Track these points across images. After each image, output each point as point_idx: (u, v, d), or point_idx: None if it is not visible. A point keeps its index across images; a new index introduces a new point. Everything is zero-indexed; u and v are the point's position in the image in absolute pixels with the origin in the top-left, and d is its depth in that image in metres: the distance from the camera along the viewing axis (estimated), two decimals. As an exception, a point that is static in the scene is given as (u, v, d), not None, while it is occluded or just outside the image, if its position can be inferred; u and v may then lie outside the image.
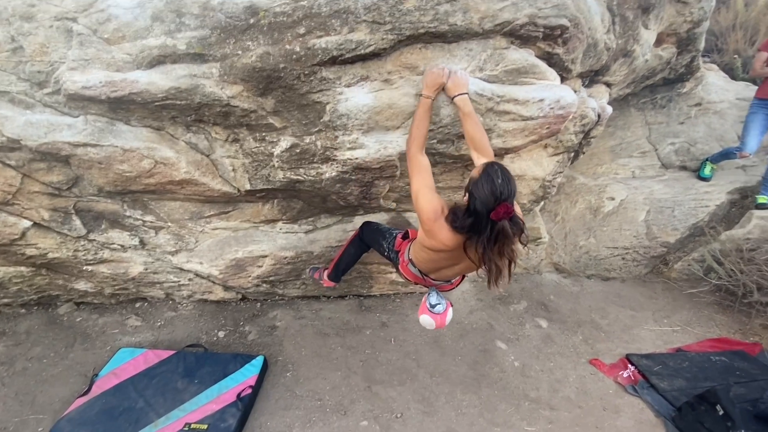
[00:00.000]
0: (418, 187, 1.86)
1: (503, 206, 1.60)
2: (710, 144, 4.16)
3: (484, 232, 1.64)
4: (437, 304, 2.09)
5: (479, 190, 1.65)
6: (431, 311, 2.08)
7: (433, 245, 1.85)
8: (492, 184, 1.63)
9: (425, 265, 2.08)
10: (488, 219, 1.63)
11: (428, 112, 1.98)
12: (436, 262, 2.01)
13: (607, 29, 2.55)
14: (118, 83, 1.95)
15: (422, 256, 2.02)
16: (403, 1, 1.87)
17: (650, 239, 3.73)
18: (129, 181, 2.36)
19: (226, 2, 1.89)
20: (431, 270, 2.10)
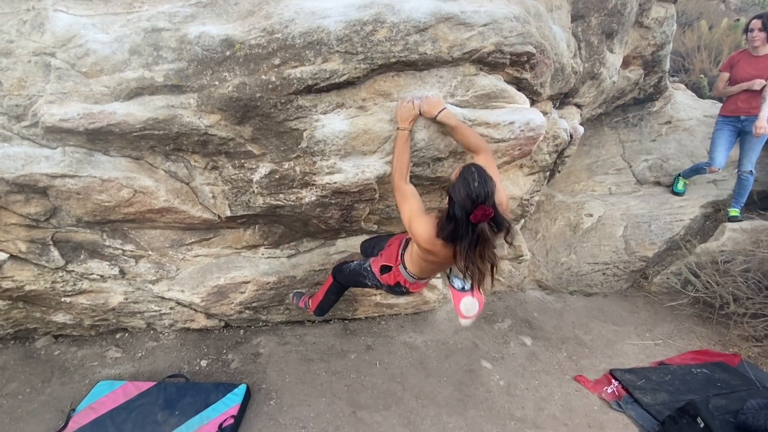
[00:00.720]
0: (409, 215, 1.89)
1: (480, 209, 1.61)
2: (682, 160, 4.30)
3: (465, 236, 1.67)
4: (464, 285, 2.08)
5: (456, 194, 1.67)
6: (465, 292, 2.06)
7: (436, 260, 1.92)
8: (468, 187, 1.65)
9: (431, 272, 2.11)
10: (468, 222, 1.65)
11: (407, 143, 2.05)
12: (435, 269, 2.08)
13: (573, 54, 2.67)
14: (96, 115, 1.98)
15: (426, 267, 2.04)
16: (374, 32, 1.95)
17: (629, 254, 3.80)
18: (108, 211, 2.36)
19: (202, 36, 1.94)
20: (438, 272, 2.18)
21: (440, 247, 1.80)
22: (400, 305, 3.29)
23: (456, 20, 1.99)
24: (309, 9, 1.92)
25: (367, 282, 2.36)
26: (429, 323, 3.36)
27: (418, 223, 1.85)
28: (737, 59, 3.73)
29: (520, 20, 2.11)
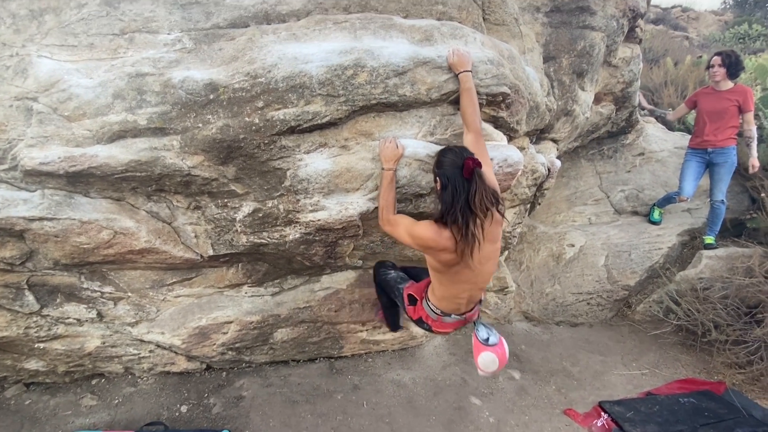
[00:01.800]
0: (407, 230, 1.94)
1: (469, 159, 1.74)
2: (656, 190, 4.45)
3: (461, 194, 1.75)
4: (489, 336, 1.99)
5: (443, 162, 1.83)
6: (487, 345, 1.97)
7: (450, 259, 1.87)
8: (451, 152, 1.84)
9: (454, 298, 2.04)
10: (463, 179, 1.74)
11: (392, 182, 2.11)
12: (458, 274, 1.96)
13: (546, 93, 2.79)
14: (77, 158, 1.98)
15: (444, 286, 2.01)
16: (355, 76, 2.02)
17: (611, 283, 3.86)
18: (87, 253, 2.31)
19: (186, 80, 1.99)
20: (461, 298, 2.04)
21: (447, 238, 1.81)
22: (386, 341, 3.25)
23: (433, 64, 2.08)
24: (291, 55, 1.99)
25: (397, 300, 2.34)
26: (417, 359, 3.31)
27: (418, 228, 1.89)
28: (702, 94, 3.94)
29: (494, 63, 2.21)
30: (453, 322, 2.14)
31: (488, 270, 2.05)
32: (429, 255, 1.97)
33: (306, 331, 2.96)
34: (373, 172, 2.25)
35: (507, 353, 1.99)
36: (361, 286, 2.97)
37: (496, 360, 1.95)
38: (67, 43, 2.08)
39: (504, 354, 1.97)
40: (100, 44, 2.09)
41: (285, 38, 2.08)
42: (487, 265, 2.00)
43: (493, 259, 2.03)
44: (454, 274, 1.95)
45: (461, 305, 2.08)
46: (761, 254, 3.61)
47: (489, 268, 2.04)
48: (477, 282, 2.04)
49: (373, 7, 2.22)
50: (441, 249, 1.86)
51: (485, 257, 1.92)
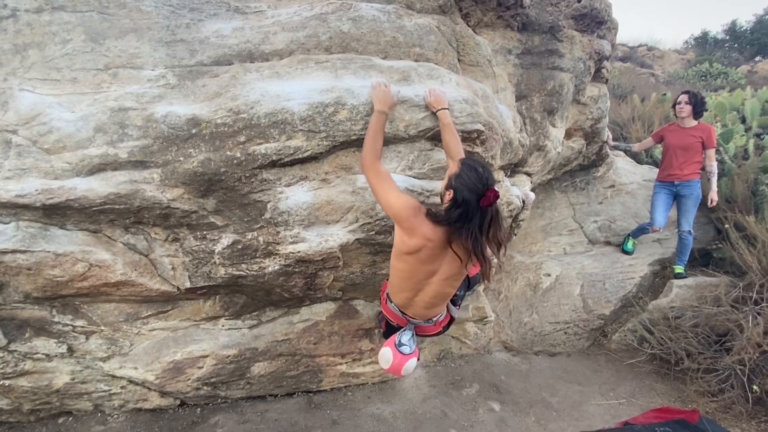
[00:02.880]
0: (386, 193, 1.81)
1: (492, 191, 1.64)
2: (627, 221, 4.61)
3: (474, 220, 1.65)
4: (405, 345, 1.94)
5: (465, 180, 1.67)
6: (397, 348, 1.92)
7: (414, 244, 1.76)
8: (475, 172, 1.68)
9: (402, 286, 1.94)
10: (478, 206, 1.65)
11: (383, 127, 2.01)
12: (414, 273, 1.86)
13: (519, 129, 2.92)
14: (55, 191, 1.97)
15: (399, 270, 1.89)
16: (335, 113, 2.09)
17: (587, 312, 3.93)
18: (60, 286, 2.26)
19: (169, 115, 2.03)
20: (409, 296, 1.95)
21: (424, 225, 1.72)
22: (366, 374, 3.22)
23: (411, 103, 2.17)
24: (274, 92, 2.06)
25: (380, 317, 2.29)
26: (397, 392, 3.28)
27: (398, 199, 1.76)
28: (668, 130, 4.16)
29: (468, 102, 2.32)
30: (394, 312, 2.07)
31: (445, 291, 1.95)
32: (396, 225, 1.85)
33: (284, 365, 2.92)
34: (353, 204, 2.30)
35: (404, 367, 1.92)
36: (341, 318, 2.96)
37: (389, 361, 1.92)
38: (50, 77, 2.11)
39: (400, 364, 1.91)
40: (84, 79, 2.12)
41: (268, 76, 2.15)
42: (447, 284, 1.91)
43: (456, 282, 1.95)
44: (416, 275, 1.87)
45: (405, 304, 2.01)
46: (727, 283, 3.74)
47: (447, 289, 1.95)
48: (430, 296, 1.93)
49: (353, 48, 2.33)
50: (409, 229, 1.75)
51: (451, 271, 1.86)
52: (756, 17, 18.40)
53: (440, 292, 1.94)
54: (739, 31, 18.62)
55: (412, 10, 2.55)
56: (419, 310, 2.02)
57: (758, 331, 3.16)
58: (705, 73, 12.89)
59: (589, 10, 3.27)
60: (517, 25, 3.00)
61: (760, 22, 18.15)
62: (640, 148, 4.72)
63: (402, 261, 1.87)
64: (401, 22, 2.47)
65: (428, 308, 2.01)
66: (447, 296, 2.00)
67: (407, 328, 2.05)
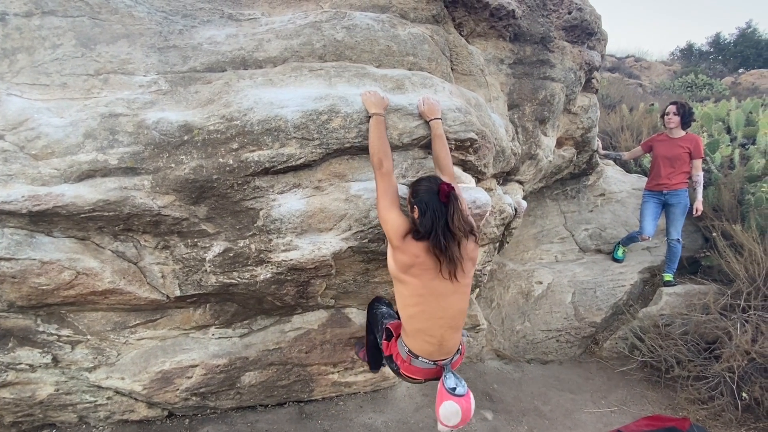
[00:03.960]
0: (388, 209, 1.93)
1: (444, 184, 1.83)
2: (617, 229, 4.66)
3: (441, 216, 1.80)
4: (457, 386, 1.84)
5: (419, 190, 1.90)
6: (454, 395, 1.80)
7: (405, 259, 1.85)
8: (423, 180, 1.95)
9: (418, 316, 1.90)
10: (439, 202, 1.81)
11: (384, 128, 2.08)
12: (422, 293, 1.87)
13: (511, 138, 2.94)
14: (43, 197, 1.93)
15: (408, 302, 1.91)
16: (329, 121, 2.09)
17: (579, 320, 3.95)
18: (46, 295, 2.21)
19: (161, 121, 2.01)
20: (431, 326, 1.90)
21: (411, 245, 1.84)
22: (358, 383, 3.19)
23: (404, 111, 2.18)
24: (267, 99, 2.05)
25: (378, 336, 2.25)
26: (389, 401, 3.25)
27: (396, 218, 1.89)
28: (657, 140, 4.23)
29: (462, 111, 2.33)
30: (422, 368, 1.97)
31: (459, 306, 1.94)
32: (389, 243, 1.94)
33: (275, 374, 2.88)
34: (347, 212, 2.29)
35: (472, 409, 1.83)
36: (333, 326, 2.93)
37: (459, 412, 1.78)
38: (39, 82, 2.08)
39: (469, 408, 1.81)
40: (74, 84, 2.10)
41: (261, 83, 2.14)
42: (457, 299, 1.92)
43: (464, 293, 1.96)
44: (419, 300, 1.88)
45: (433, 347, 1.93)
46: (716, 291, 3.79)
47: (459, 303, 1.94)
48: (447, 317, 1.91)
49: (347, 56, 2.33)
50: (399, 249, 1.86)
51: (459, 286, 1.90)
52: (738, 30, 18.90)
53: (459, 309, 1.95)
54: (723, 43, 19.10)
55: (406, 20, 2.57)
56: (449, 340, 1.94)
57: (746, 339, 3.20)
58: (691, 84, 13.18)
59: (579, 21, 3.33)
60: (509, 36, 3.03)
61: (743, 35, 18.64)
62: (630, 157, 4.80)
63: (404, 287, 1.91)
64: (395, 31, 2.48)
65: (455, 332, 1.97)
66: (464, 313, 2.00)
67: (446, 371, 1.94)
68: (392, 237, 1.88)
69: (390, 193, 1.96)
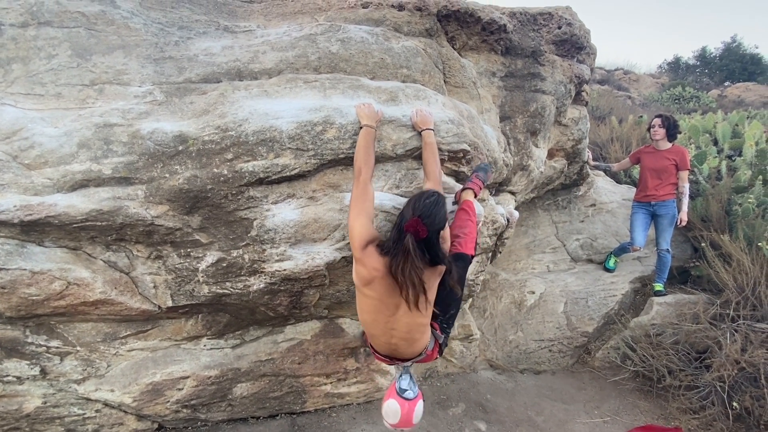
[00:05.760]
0: (356, 216, 1.86)
1: (414, 221, 1.67)
2: (608, 239, 4.71)
3: (399, 243, 1.70)
4: (407, 390, 1.84)
5: (405, 207, 1.80)
6: (400, 396, 1.82)
7: (365, 273, 1.78)
8: (417, 200, 1.77)
9: (375, 327, 1.89)
10: (402, 230, 1.71)
11: (374, 139, 2.07)
12: (379, 309, 1.83)
13: (503, 149, 2.98)
14: (35, 207, 1.92)
15: (365, 311, 1.86)
16: (324, 132, 2.11)
17: (571, 330, 3.97)
18: (36, 305, 2.19)
19: (156, 131, 2.01)
20: (386, 338, 1.89)
21: (372, 257, 1.75)
22: (351, 394, 3.17)
23: (398, 122, 2.21)
24: (262, 110, 2.07)
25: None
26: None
27: (360, 226, 1.81)
28: (644, 152, 4.30)
29: (454, 123, 2.37)
30: (382, 358, 2.03)
31: (414, 321, 1.85)
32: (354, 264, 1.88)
33: (267, 386, 2.85)
34: (341, 222, 2.30)
35: (415, 416, 1.82)
36: (326, 337, 2.92)
37: (398, 414, 1.80)
38: (34, 92, 2.08)
39: (410, 413, 1.81)
40: (69, 94, 2.10)
41: (257, 94, 2.16)
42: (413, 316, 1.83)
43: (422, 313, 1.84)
44: (373, 310, 1.85)
45: (389, 352, 1.94)
46: (705, 301, 3.84)
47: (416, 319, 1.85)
48: (401, 331, 1.88)
49: (342, 68, 2.36)
50: (358, 259, 1.80)
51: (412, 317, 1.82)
52: (724, 44, 19.35)
53: (413, 324, 1.87)
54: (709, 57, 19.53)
55: (400, 33, 2.61)
56: (404, 350, 1.94)
57: (736, 348, 3.24)
58: (678, 96, 13.43)
59: (569, 36, 3.40)
60: (501, 49, 3.09)
61: (728, 49, 19.09)
62: (619, 168, 4.88)
63: (363, 298, 1.88)
64: (389, 44, 2.52)
65: (411, 344, 1.93)
66: (423, 326, 1.92)
67: (403, 372, 1.94)
68: (354, 245, 1.82)
69: (362, 201, 1.91)
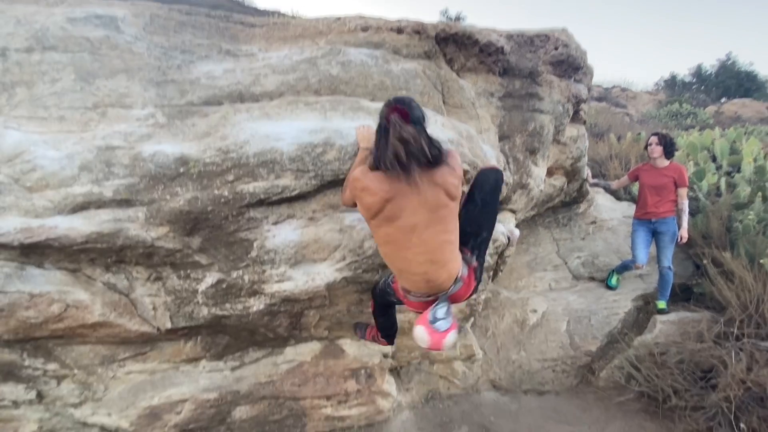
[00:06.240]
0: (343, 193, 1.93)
1: (390, 108, 1.73)
2: (610, 256, 4.69)
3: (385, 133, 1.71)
4: (441, 320, 1.81)
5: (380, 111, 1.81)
6: (431, 325, 1.79)
7: (373, 201, 1.73)
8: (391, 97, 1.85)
9: (403, 262, 1.83)
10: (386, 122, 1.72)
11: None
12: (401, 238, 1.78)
13: (503, 168, 2.99)
14: (35, 229, 1.92)
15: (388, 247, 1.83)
16: (324, 153, 2.12)
17: (574, 349, 3.92)
18: (34, 328, 2.17)
19: (157, 154, 2.03)
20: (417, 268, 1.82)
21: (374, 181, 1.73)
22: (352, 417, 3.11)
23: (398, 143, 2.22)
24: (263, 132, 2.09)
25: (392, 299, 2.14)
26: (383, 435, 3.17)
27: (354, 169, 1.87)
28: (643, 170, 4.32)
29: (454, 142, 2.38)
30: (417, 302, 1.94)
31: (438, 239, 1.80)
32: (359, 204, 1.83)
33: (267, 409, 2.81)
34: (341, 242, 2.30)
35: (444, 344, 1.80)
36: (327, 358, 2.89)
37: (427, 341, 1.79)
38: (37, 115, 2.10)
39: (438, 344, 1.79)
40: (71, 117, 2.12)
41: (258, 117, 2.19)
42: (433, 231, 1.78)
43: (441, 223, 1.80)
44: (394, 241, 1.80)
45: (421, 285, 1.86)
46: (709, 319, 3.80)
47: (438, 236, 1.80)
48: (426, 253, 1.79)
49: (342, 90, 2.39)
50: (364, 188, 1.75)
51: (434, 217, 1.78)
52: (719, 62, 19.65)
53: (438, 241, 1.80)
54: (705, 74, 19.81)
55: (399, 56, 2.65)
56: (437, 275, 1.83)
57: (741, 368, 3.19)
58: (676, 113, 13.56)
59: (565, 57, 3.45)
60: (499, 70, 3.13)
61: (723, 67, 19.37)
62: (618, 186, 4.88)
63: (382, 234, 1.82)
64: (388, 67, 2.56)
65: (442, 266, 1.83)
66: (449, 244, 1.85)
67: (441, 301, 1.87)
68: (355, 188, 1.79)
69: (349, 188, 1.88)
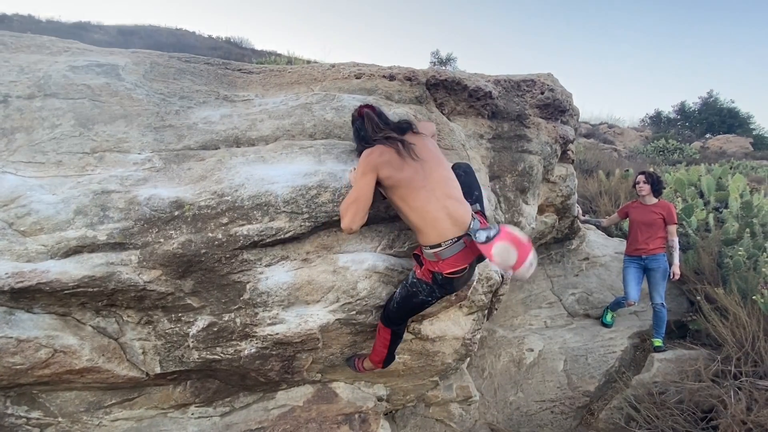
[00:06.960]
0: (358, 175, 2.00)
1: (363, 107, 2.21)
2: (604, 293, 4.69)
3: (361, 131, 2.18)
4: (487, 234, 1.83)
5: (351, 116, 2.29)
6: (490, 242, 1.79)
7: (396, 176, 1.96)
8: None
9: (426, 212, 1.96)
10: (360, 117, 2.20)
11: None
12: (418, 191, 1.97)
13: (494, 207, 3.04)
14: (27, 274, 1.91)
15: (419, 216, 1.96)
16: (318, 195, 2.16)
17: (572, 389, 3.85)
18: (19, 374, 2.11)
19: (153, 197, 2.05)
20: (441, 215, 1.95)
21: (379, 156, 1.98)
22: (345, 464, 3.00)
23: (390, 186, 2.26)
24: (258, 176, 2.13)
25: (421, 297, 2.11)
26: (378, 484, 3.04)
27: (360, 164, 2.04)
28: (632, 207, 4.40)
29: (445, 184, 2.43)
30: (453, 254, 1.94)
31: (439, 173, 2.04)
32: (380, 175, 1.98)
33: (257, 457, 2.71)
34: (334, 284, 2.30)
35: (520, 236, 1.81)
36: (319, 402, 2.82)
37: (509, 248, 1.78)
38: (35, 160, 2.14)
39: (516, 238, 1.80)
40: (69, 161, 2.16)
41: (253, 160, 2.24)
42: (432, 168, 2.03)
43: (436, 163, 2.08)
44: (410, 191, 1.97)
45: (447, 224, 1.93)
46: (706, 357, 3.77)
47: (438, 171, 2.04)
48: (438, 188, 1.99)
49: (336, 134, 2.46)
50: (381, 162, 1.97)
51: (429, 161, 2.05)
52: (702, 99, 20.40)
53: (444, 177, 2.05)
54: (689, 111, 20.50)
55: (391, 101, 2.75)
56: (458, 209, 1.98)
57: (741, 408, 3.14)
58: (662, 148, 13.93)
59: (551, 100, 3.58)
60: (488, 114, 3.25)
61: (706, 104, 20.10)
62: (609, 223, 4.96)
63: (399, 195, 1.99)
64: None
65: (457, 201, 2.01)
66: (453, 180, 2.10)
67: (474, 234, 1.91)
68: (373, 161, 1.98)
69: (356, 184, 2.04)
